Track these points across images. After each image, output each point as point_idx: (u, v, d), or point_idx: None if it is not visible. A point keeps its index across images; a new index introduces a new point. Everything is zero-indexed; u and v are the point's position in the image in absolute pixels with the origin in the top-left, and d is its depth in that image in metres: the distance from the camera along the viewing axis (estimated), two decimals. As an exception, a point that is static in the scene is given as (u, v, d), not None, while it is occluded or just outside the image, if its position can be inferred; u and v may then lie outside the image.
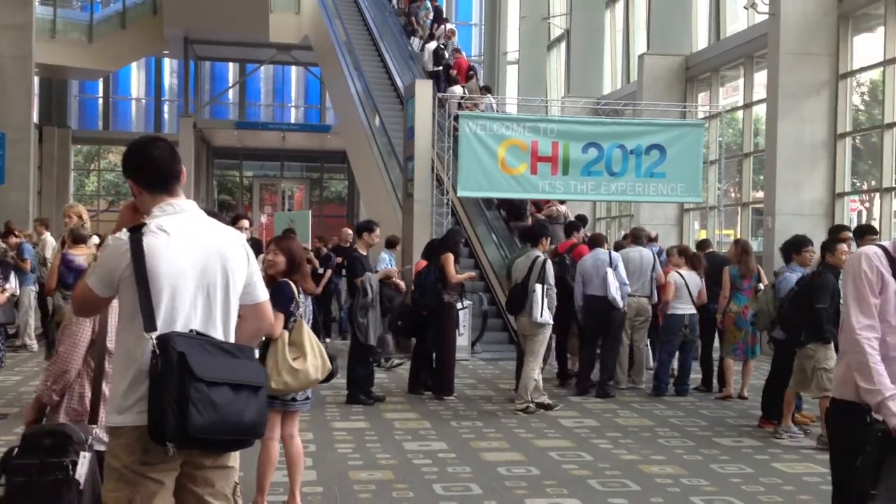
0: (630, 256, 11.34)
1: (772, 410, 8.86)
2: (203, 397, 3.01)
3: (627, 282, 10.89)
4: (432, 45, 21.57)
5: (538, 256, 9.75)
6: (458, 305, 10.78)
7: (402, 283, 12.28)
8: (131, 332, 3.16)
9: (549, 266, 9.75)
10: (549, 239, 10.27)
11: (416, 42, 23.07)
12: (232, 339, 3.32)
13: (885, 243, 3.80)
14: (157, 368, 3.03)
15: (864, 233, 9.02)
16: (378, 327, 10.42)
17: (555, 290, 9.76)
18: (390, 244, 13.02)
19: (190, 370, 3.01)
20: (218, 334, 3.26)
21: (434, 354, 10.77)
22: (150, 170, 3.32)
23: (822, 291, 7.99)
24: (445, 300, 10.56)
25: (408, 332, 11.28)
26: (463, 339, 12.76)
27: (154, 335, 3.08)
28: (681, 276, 10.91)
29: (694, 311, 10.89)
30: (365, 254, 10.64)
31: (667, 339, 11.05)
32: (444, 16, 24.41)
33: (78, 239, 8.46)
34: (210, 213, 3.60)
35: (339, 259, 15.23)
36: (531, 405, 9.58)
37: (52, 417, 3.99)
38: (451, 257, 10.63)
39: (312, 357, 5.55)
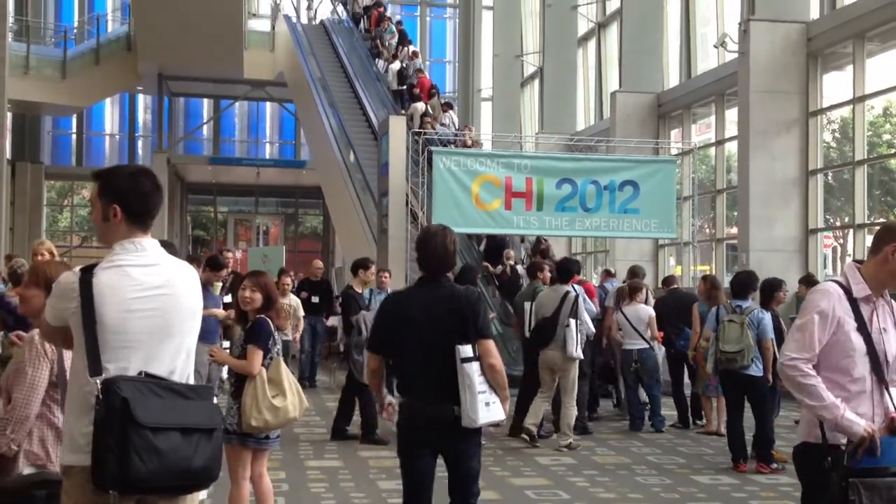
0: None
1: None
2: (147, 444, 2.94)
3: (596, 309, 11.06)
4: (396, 65, 22.27)
5: (568, 292, 9.66)
6: None
7: None
8: (82, 372, 3.08)
9: (581, 302, 9.74)
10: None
11: (381, 63, 23.59)
12: (191, 380, 3.25)
13: (840, 279, 3.73)
14: (100, 414, 2.96)
15: None
16: None
17: (586, 326, 9.81)
18: None
19: (132, 417, 2.93)
20: (175, 375, 3.18)
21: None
22: (141, 202, 3.23)
23: None
24: None
25: None
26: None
27: (99, 380, 3.01)
28: (622, 312, 10.99)
29: (644, 345, 10.90)
30: (360, 291, 10.44)
31: (622, 374, 11.38)
32: (408, 38, 24.81)
33: (17, 280, 8.23)
34: (164, 244, 3.53)
35: (305, 294, 14.42)
36: (573, 441, 9.62)
37: (9, 466, 3.80)
38: None
39: (291, 395, 5.52)
